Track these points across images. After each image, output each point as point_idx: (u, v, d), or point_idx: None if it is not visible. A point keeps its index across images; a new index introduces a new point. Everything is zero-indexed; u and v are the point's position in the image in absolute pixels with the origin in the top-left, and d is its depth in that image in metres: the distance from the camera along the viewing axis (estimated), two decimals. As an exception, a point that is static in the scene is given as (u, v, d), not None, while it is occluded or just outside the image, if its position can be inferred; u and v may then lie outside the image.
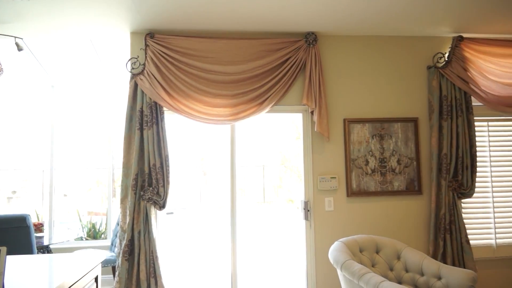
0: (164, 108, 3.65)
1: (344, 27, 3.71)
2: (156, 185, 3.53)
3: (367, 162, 3.83)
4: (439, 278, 2.92)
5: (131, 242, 3.48)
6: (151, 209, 3.51)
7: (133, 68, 3.63)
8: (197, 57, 3.65)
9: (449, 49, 3.92)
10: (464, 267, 3.69)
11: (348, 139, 3.82)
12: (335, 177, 3.79)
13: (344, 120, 3.84)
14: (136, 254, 3.47)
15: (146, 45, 3.59)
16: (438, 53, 3.95)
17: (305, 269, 3.79)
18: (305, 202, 3.80)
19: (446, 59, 3.89)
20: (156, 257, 3.46)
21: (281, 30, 3.75)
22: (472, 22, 3.66)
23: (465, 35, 3.95)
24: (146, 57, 3.59)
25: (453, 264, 3.69)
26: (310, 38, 3.74)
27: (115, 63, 4.59)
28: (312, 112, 3.76)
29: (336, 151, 3.83)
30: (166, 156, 3.55)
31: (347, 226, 3.80)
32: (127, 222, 3.48)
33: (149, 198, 3.51)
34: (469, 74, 3.86)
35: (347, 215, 3.81)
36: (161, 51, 3.58)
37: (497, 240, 3.96)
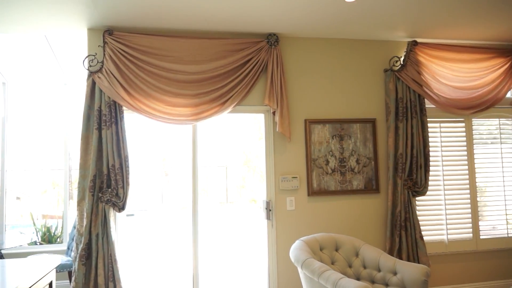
0: (124, 108, 3.56)
1: (305, 29, 3.78)
2: (115, 186, 3.43)
3: (327, 162, 3.91)
4: (395, 274, 3.04)
5: (88, 245, 3.36)
6: (109, 211, 3.41)
7: (90, 66, 3.51)
8: (157, 56, 3.59)
9: (404, 53, 4.09)
10: (418, 262, 3.86)
11: (309, 139, 3.89)
12: (296, 177, 3.85)
13: (305, 120, 3.91)
14: (94, 258, 3.36)
15: (105, 42, 3.48)
16: (394, 56, 4.11)
17: (267, 268, 3.82)
18: (267, 202, 3.83)
19: (402, 63, 4.05)
20: (115, 260, 3.36)
21: (243, 30, 3.76)
22: (425, 27, 3.84)
23: (419, 40, 4.13)
24: (104, 54, 3.48)
25: (408, 259, 3.84)
26: (272, 39, 3.77)
27: (72, 60, 4.42)
28: (274, 113, 3.80)
29: (297, 151, 3.89)
30: (126, 157, 3.46)
31: (308, 225, 3.87)
32: (84, 225, 3.36)
33: (107, 199, 3.41)
34: (422, 77, 4.04)
35: (308, 214, 3.88)
36: (120, 48, 3.49)
37: (449, 236, 4.17)
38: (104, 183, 3.45)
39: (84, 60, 3.54)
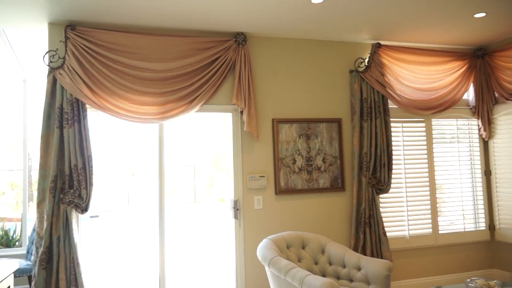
0: (87, 106, 3.45)
1: (273, 29, 3.81)
2: (78, 187, 3.33)
3: (294, 161, 3.96)
4: (359, 269, 3.12)
5: (49, 249, 3.24)
6: (72, 213, 3.30)
7: (51, 62, 3.38)
8: (123, 53, 3.51)
9: (368, 55, 4.20)
10: (382, 258, 3.98)
11: (277, 138, 3.92)
12: (264, 176, 3.87)
13: (273, 120, 3.94)
14: (55, 262, 3.24)
15: (67, 38, 3.36)
16: (359, 58, 4.21)
17: (235, 267, 3.82)
18: (234, 201, 3.83)
19: (366, 64, 4.16)
20: (78, 264, 3.26)
21: (211, 29, 3.74)
22: (389, 30, 3.96)
23: (383, 42, 4.26)
24: (66, 50, 3.36)
25: (372, 255, 3.96)
26: (240, 38, 3.78)
27: (32, 55, 4.23)
28: (241, 112, 3.80)
29: (265, 151, 3.92)
30: (89, 156, 3.36)
31: (275, 224, 3.90)
32: (45, 227, 3.23)
33: (69, 201, 3.29)
34: (386, 78, 4.17)
35: (275, 212, 3.91)
36: (83, 44, 3.38)
37: (410, 232, 4.33)
38: (66, 183, 3.33)
39: (44, 56, 3.40)
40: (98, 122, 3.83)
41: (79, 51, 3.38)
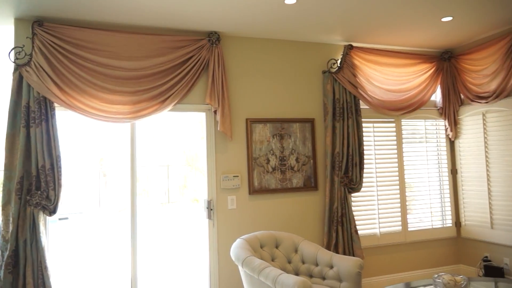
0: (56, 104, 3.35)
1: (247, 28, 3.81)
2: (45, 188, 3.23)
3: (268, 161, 3.98)
4: (332, 267, 3.17)
5: (15, 252, 3.13)
6: (39, 215, 3.20)
7: (17, 59, 3.26)
8: (93, 50, 3.43)
9: (341, 56, 4.27)
10: (353, 255, 4.06)
11: (250, 138, 3.93)
12: (237, 176, 3.87)
13: (247, 120, 3.94)
14: (21, 266, 3.13)
15: (34, 34, 3.26)
16: (331, 59, 4.28)
17: (208, 268, 3.80)
18: (208, 201, 3.81)
19: (339, 65, 4.23)
20: (45, 267, 3.16)
21: (184, 27, 3.71)
22: (360, 32, 4.04)
23: (354, 44, 4.34)
24: (33, 47, 3.25)
25: (344, 253, 4.03)
26: (213, 38, 3.76)
27: (-4, 52, 4.08)
28: (215, 112, 3.79)
29: (239, 150, 3.92)
30: (58, 157, 3.27)
31: (249, 223, 3.91)
32: (10, 230, 3.12)
33: (37, 203, 3.19)
34: (357, 79, 4.25)
35: (249, 212, 3.92)
36: (51, 41, 3.28)
37: (381, 229, 4.43)
38: (33, 185, 3.22)
39: (10, 52, 3.28)
40: (67, 121, 3.72)
41: (47, 48, 3.28)
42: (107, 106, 3.43)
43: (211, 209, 3.80)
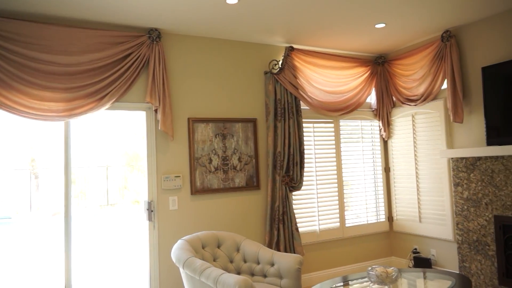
0: (-23, 101, 3.08)
1: (189, 27, 3.76)
2: (-35, 192, 2.96)
3: (210, 161, 3.96)
4: (273, 265, 3.22)
5: None
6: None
7: None
8: (22, 43, 3.19)
9: (282, 58, 4.36)
10: (294, 252, 4.16)
11: (192, 138, 3.89)
12: (179, 176, 3.81)
13: (189, 119, 3.89)
14: None
15: (-49, 24, 2.97)
16: (273, 60, 4.35)
17: (148, 271, 3.70)
18: (148, 202, 3.71)
19: (280, 66, 4.32)
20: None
21: (124, 23, 3.58)
22: (300, 34, 4.15)
23: (295, 46, 4.45)
24: (-50, 37, 2.96)
25: (285, 251, 4.12)
26: (154, 35, 3.67)
27: None
28: (156, 111, 3.70)
29: (181, 150, 3.86)
30: (-20, 157, 3.00)
31: (191, 224, 3.87)
32: None
33: (-45, 208, 2.91)
34: (298, 81, 4.36)
35: (191, 213, 3.87)
36: (-28, 32, 3.01)
37: (320, 226, 4.59)
38: (-50, 188, 2.94)
39: None
40: (-9, 119, 3.44)
41: (-33, 39, 3.00)
42: (37, 103, 3.22)
43: (152, 211, 3.70)
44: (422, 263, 4.50)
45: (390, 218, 5.07)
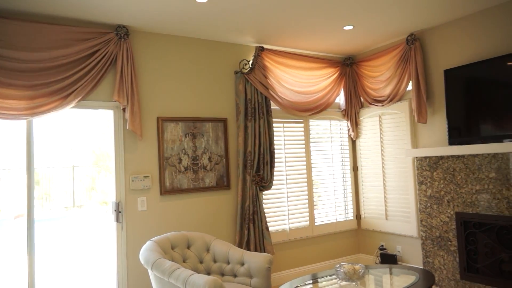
0: None
1: (158, 24, 3.71)
2: None
3: (180, 160, 3.92)
4: (243, 264, 3.23)
5: None
6: None
7: None
8: (-20, 39, 3.05)
9: (252, 57, 4.37)
10: (265, 251, 4.18)
11: (162, 137, 3.84)
12: (148, 176, 3.75)
13: (158, 118, 3.84)
14: None
15: None
16: (243, 60, 4.36)
17: (116, 274, 3.63)
18: (116, 203, 3.63)
19: (250, 66, 4.33)
20: None
21: (90, 19, 3.48)
22: (270, 35, 4.18)
23: (266, 46, 4.47)
24: None
25: (256, 250, 4.13)
26: (122, 32, 3.59)
27: None
28: (124, 109, 3.62)
29: (149, 150, 3.80)
30: None
31: (161, 225, 3.82)
32: None
33: None
34: (268, 81, 4.39)
35: (161, 213, 3.82)
36: None
37: (290, 225, 4.64)
38: None
39: None
40: None
41: None
42: (-3, 101, 3.08)
43: (120, 212, 3.63)
44: (388, 259, 4.63)
45: (358, 216, 5.18)
